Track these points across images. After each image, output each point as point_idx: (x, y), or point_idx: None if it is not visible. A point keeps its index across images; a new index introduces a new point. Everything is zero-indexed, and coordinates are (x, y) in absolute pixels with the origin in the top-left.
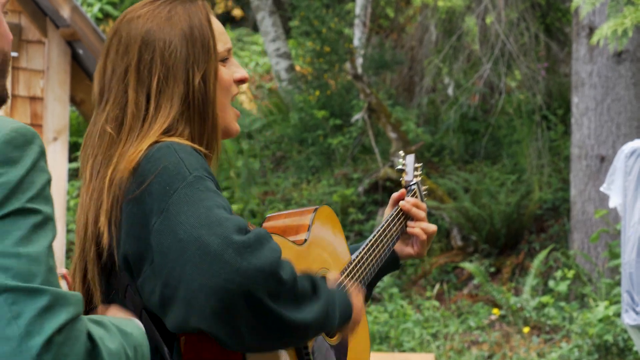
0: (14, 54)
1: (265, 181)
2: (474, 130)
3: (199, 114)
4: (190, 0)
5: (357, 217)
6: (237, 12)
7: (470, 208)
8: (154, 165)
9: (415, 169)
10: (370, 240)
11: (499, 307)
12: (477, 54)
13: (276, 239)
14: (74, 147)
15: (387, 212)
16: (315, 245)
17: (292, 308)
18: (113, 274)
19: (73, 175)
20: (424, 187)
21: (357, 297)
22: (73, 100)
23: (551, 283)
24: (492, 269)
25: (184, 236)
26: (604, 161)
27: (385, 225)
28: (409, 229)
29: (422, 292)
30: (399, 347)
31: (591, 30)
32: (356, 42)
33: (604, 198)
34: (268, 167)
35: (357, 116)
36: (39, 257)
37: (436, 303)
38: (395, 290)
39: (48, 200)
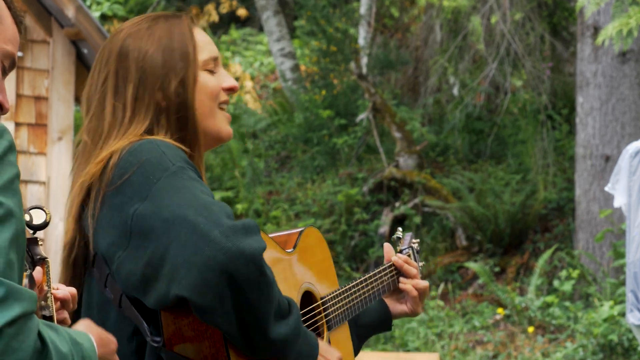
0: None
1: (269, 181)
2: (478, 130)
3: (177, 119)
4: (175, 16)
5: (361, 216)
6: (241, 12)
7: (475, 208)
8: (136, 157)
9: (412, 242)
10: (357, 280)
11: (504, 306)
12: (482, 54)
13: (265, 238)
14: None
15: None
16: (301, 260)
17: (267, 306)
18: (95, 265)
19: None
20: (421, 264)
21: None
22: (77, 100)
23: (556, 283)
24: (497, 269)
25: (169, 216)
26: (609, 161)
27: (376, 271)
28: (400, 285)
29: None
30: (404, 346)
31: (596, 30)
32: (361, 41)
33: (609, 198)
34: (273, 166)
35: (361, 116)
36: None
37: (441, 303)
38: None
39: (14, 194)
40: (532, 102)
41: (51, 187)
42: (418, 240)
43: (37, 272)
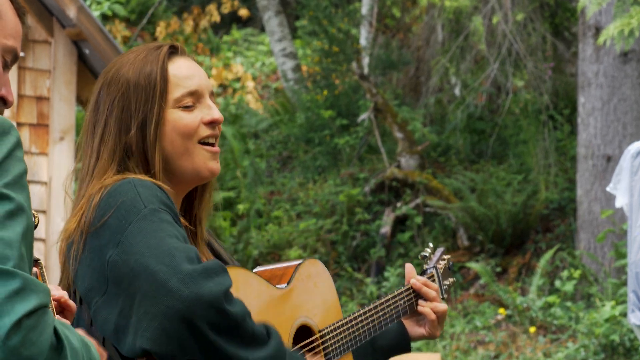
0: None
1: (271, 181)
2: (480, 130)
3: (142, 161)
4: (158, 47)
5: (363, 217)
6: (243, 12)
7: (477, 208)
8: (113, 199)
9: (442, 259)
10: (370, 305)
11: (505, 307)
12: (484, 54)
13: (250, 275)
14: (80, 147)
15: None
16: (298, 293)
17: (236, 344)
18: (83, 305)
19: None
20: (450, 280)
21: None
22: (79, 100)
23: (557, 283)
24: (499, 269)
25: (134, 265)
26: (610, 161)
27: (391, 296)
28: (419, 308)
29: None
30: None
31: (597, 30)
32: (363, 41)
33: (610, 198)
34: (274, 166)
35: (363, 116)
36: (12, 242)
37: None
38: None
39: (23, 189)
40: (534, 102)
41: (53, 187)
42: (449, 256)
43: (33, 273)
